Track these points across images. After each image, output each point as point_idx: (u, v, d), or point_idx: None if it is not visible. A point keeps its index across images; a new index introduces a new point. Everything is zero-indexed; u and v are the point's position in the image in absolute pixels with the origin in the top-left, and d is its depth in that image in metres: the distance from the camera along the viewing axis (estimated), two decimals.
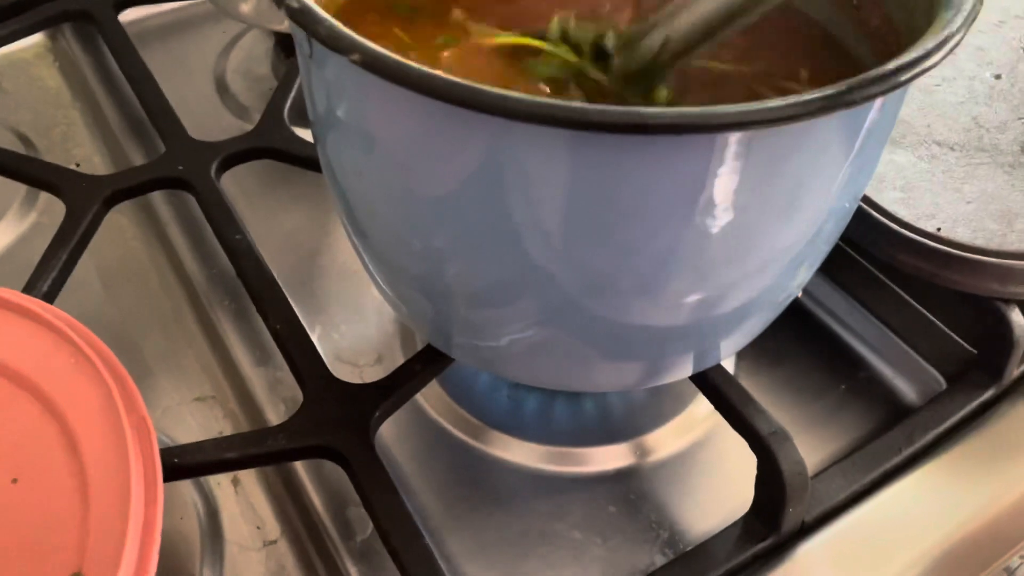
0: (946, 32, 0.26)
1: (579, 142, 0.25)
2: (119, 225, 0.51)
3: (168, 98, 0.57)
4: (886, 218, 0.42)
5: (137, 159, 0.53)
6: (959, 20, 0.26)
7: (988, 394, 0.42)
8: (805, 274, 0.33)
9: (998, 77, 0.50)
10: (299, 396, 0.38)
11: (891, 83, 0.24)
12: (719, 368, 0.38)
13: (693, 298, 0.31)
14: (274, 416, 0.41)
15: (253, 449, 0.34)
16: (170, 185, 0.45)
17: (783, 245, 0.29)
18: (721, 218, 0.27)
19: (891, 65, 0.25)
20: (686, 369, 0.37)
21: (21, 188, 0.51)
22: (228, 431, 0.42)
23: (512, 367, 0.36)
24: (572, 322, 0.32)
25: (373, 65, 0.25)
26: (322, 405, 0.35)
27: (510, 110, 0.23)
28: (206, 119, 0.57)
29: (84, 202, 0.42)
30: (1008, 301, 0.41)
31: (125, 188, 0.43)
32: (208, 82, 0.60)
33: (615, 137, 0.24)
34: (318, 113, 0.31)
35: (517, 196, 0.27)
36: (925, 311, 0.46)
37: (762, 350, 0.46)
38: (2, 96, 0.59)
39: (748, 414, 0.36)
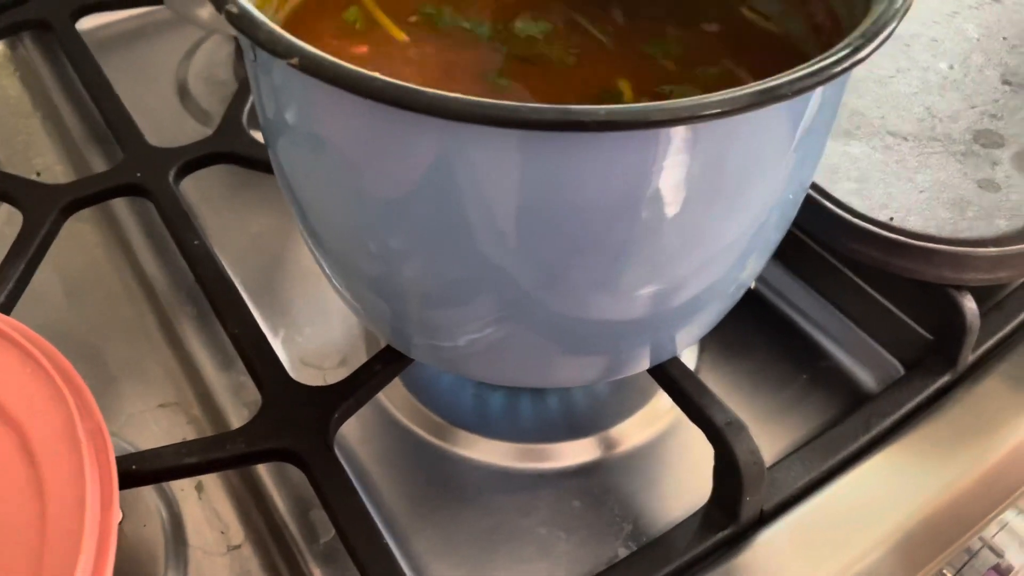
0: (875, 26, 0.26)
1: (520, 140, 0.25)
2: (81, 233, 0.51)
3: (130, 105, 0.57)
4: (840, 209, 0.42)
5: (99, 166, 0.53)
6: (890, 13, 0.27)
7: (944, 380, 0.42)
8: (755, 265, 0.34)
9: (951, 67, 0.50)
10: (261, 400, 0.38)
11: (821, 76, 0.24)
12: (676, 361, 0.38)
13: (644, 291, 0.31)
14: (237, 421, 0.41)
15: (212, 454, 0.34)
16: (128, 192, 0.45)
17: (729, 237, 0.30)
18: (664, 212, 0.28)
19: (823, 58, 0.25)
20: (643, 362, 0.37)
21: None
22: (191, 437, 0.42)
23: (471, 366, 0.36)
24: (528, 319, 0.32)
25: (312, 69, 0.25)
26: (281, 408, 0.35)
27: (447, 110, 0.24)
28: (168, 125, 0.56)
29: (41, 211, 0.42)
30: (961, 288, 0.41)
31: (83, 197, 0.43)
32: (170, 88, 0.60)
33: (553, 135, 0.24)
34: (267, 117, 0.31)
35: (464, 196, 0.27)
36: (883, 299, 0.46)
37: (724, 342, 0.47)
38: None
39: (704, 405, 0.36)
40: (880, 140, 0.46)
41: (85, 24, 0.62)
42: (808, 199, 0.43)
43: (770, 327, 0.48)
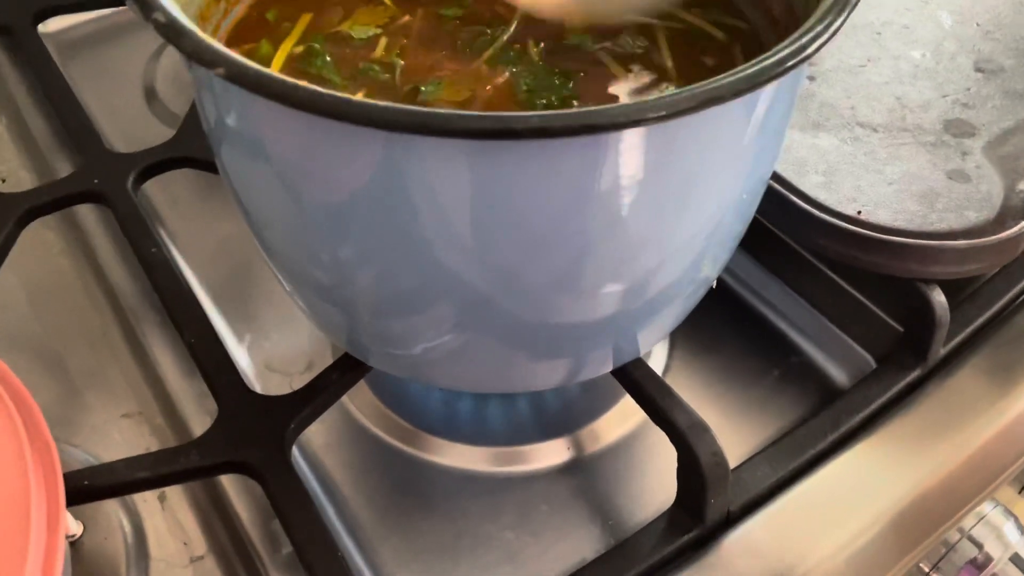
0: (821, 22, 0.25)
1: (454, 148, 0.24)
2: (45, 239, 0.50)
3: (96, 108, 0.56)
4: (807, 203, 0.42)
5: (64, 172, 0.52)
6: (837, 7, 0.26)
7: (914, 375, 0.42)
8: (713, 264, 0.33)
9: (923, 55, 0.49)
10: None
11: (763, 76, 0.24)
12: (639, 362, 0.37)
13: (599, 293, 0.31)
14: (199, 431, 0.41)
15: (165, 468, 0.33)
16: (85, 199, 0.44)
17: (681, 238, 0.29)
18: (611, 215, 0.27)
19: (764, 58, 0.24)
20: (606, 364, 0.37)
21: None
22: (154, 447, 0.41)
23: (430, 373, 0.36)
24: (483, 325, 0.32)
25: (237, 78, 0.24)
26: (237, 419, 0.35)
27: (377, 119, 0.23)
28: (134, 128, 0.56)
29: None
30: (929, 282, 0.41)
31: (39, 205, 0.42)
32: (137, 90, 0.59)
33: (487, 142, 0.24)
34: (209, 124, 0.31)
35: (403, 205, 0.27)
36: (854, 292, 0.46)
37: (695, 339, 0.46)
38: None
39: (666, 407, 0.36)
40: (849, 132, 0.45)
41: (51, 26, 0.61)
42: (774, 193, 0.42)
43: (741, 322, 0.47)
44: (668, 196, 0.27)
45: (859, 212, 0.41)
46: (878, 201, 0.42)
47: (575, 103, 0.33)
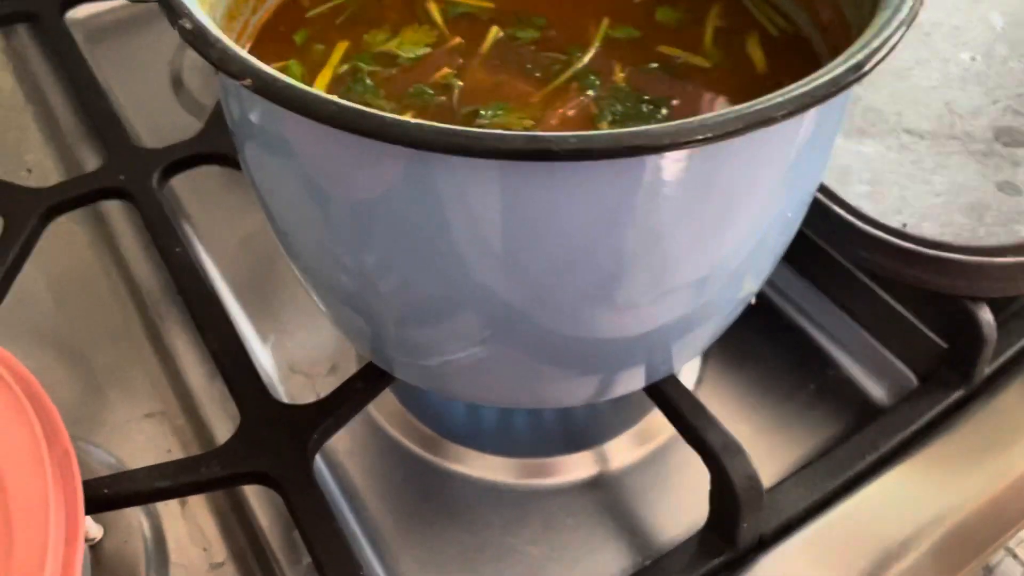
0: (878, 38, 0.24)
1: (487, 167, 0.23)
2: (70, 232, 0.49)
3: (122, 98, 0.56)
4: (849, 214, 0.40)
5: (91, 164, 0.51)
6: (894, 22, 0.25)
7: (958, 394, 0.40)
8: (752, 284, 0.32)
9: (973, 59, 0.48)
10: None
11: (814, 96, 0.22)
12: (672, 379, 0.36)
13: (630, 314, 0.30)
14: (222, 433, 0.40)
15: (185, 477, 0.33)
16: (110, 196, 0.44)
17: (719, 259, 0.28)
18: (647, 236, 0.26)
19: (816, 77, 0.23)
20: (637, 381, 0.35)
21: None
22: (176, 449, 0.41)
23: (457, 386, 0.35)
24: (509, 339, 0.31)
25: (265, 91, 0.23)
26: (259, 429, 0.34)
27: (407, 137, 0.22)
28: (160, 118, 0.55)
29: (22, 216, 0.41)
30: (976, 299, 0.39)
31: (64, 201, 0.42)
32: (164, 79, 0.59)
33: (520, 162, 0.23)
34: (233, 123, 0.30)
35: (431, 221, 0.26)
36: (897, 305, 0.44)
37: (730, 349, 0.45)
38: None
39: (699, 426, 0.35)
40: (896, 139, 0.44)
41: (79, 13, 0.61)
42: (816, 202, 0.41)
43: (777, 333, 0.46)
44: (709, 216, 0.26)
45: (904, 225, 0.40)
46: (924, 213, 0.40)
47: None
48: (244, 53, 0.24)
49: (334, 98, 0.23)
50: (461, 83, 0.33)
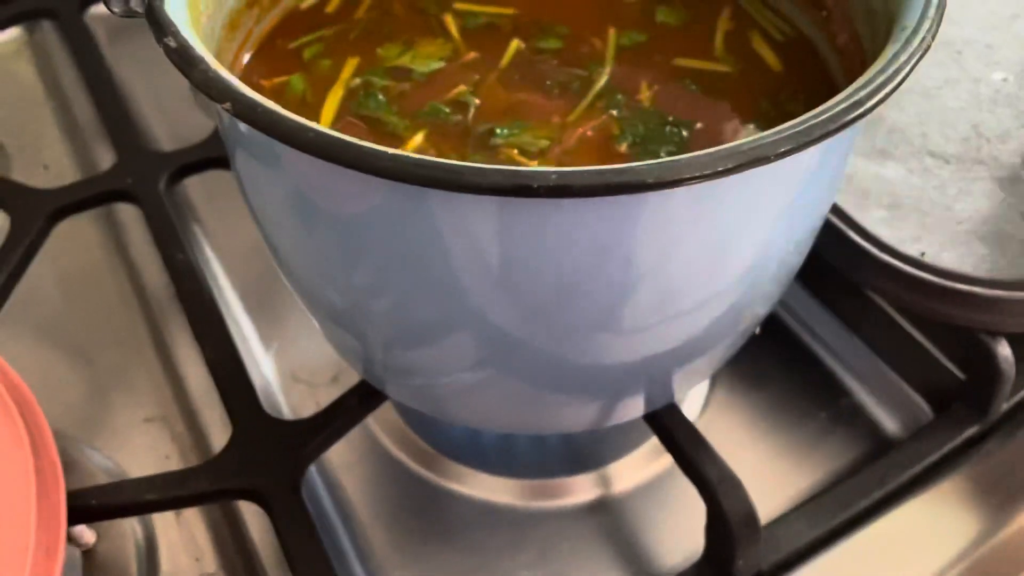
0: (885, 72, 0.23)
1: (463, 200, 0.23)
2: (80, 231, 0.49)
3: (140, 97, 0.56)
4: (865, 240, 0.39)
5: (105, 163, 0.51)
6: (904, 55, 0.23)
7: (972, 430, 0.39)
8: (752, 317, 0.31)
9: (1005, 80, 0.46)
10: None
11: (812, 135, 0.21)
12: (672, 408, 0.35)
13: (625, 344, 0.29)
14: (219, 441, 0.40)
15: (173, 491, 0.32)
16: (117, 199, 0.44)
17: (714, 295, 0.27)
18: (637, 271, 0.25)
19: (816, 114, 0.22)
20: (636, 409, 0.35)
21: None
22: (174, 456, 0.41)
23: (447, 410, 0.34)
24: (496, 365, 0.30)
25: (245, 116, 0.23)
26: (249, 444, 0.34)
27: (384, 169, 0.21)
28: (179, 120, 0.55)
29: (29, 217, 0.41)
30: (996, 333, 0.38)
31: (71, 203, 0.42)
32: (185, 80, 0.58)
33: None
34: (224, 130, 0.29)
35: (413, 248, 0.25)
36: (914, 331, 0.42)
37: (739, 372, 0.44)
38: None
39: (697, 458, 0.34)
40: (919, 161, 0.42)
41: (102, 9, 0.61)
42: (831, 226, 0.39)
43: (789, 357, 0.45)
44: (703, 251, 0.25)
45: (922, 253, 0.38)
46: (944, 242, 0.39)
47: None
48: (226, 75, 0.23)
49: (313, 125, 0.22)
50: (477, 100, 0.32)
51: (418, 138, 0.30)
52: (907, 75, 0.23)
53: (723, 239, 0.25)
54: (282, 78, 0.32)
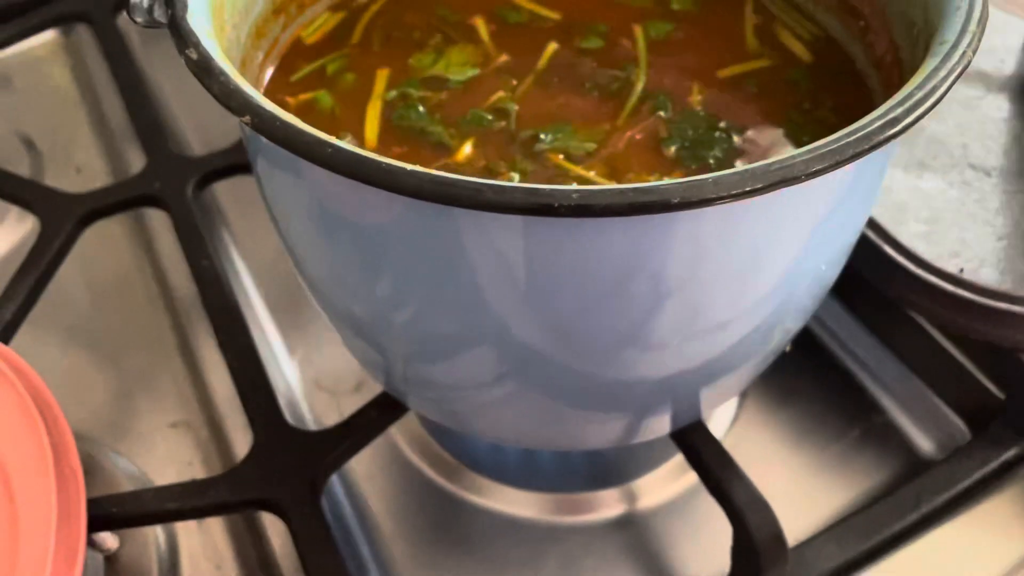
0: (922, 90, 0.22)
1: (480, 217, 0.22)
2: (111, 234, 0.50)
3: (173, 102, 0.56)
4: (902, 255, 0.38)
5: (136, 167, 0.52)
6: (942, 72, 0.23)
7: (1010, 453, 0.37)
8: (783, 336, 0.30)
9: None
10: None
11: (843, 155, 0.21)
12: (700, 426, 0.35)
13: (649, 362, 0.28)
14: (242, 449, 0.40)
15: (193, 501, 0.32)
16: (145, 204, 0.44)
17: (742, 314, 0.26)
18: (663, 290, 0.24)
19: (848, 133, 0.21)
20: (662, 427, 0.34)
21: None
22: (197, 463, 0.41)
23: (467, 423, 0.34)
24: (517, 380, 0.30)
25: (264, 130, 0.22)
26: (269, 454, 0.34)
27: (401, 185, 0.21)
28: (211, 125, 0.55)
29: (58, 221, 0.41)
30: None
31: (99, 208, 0.42)
32: None
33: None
34: (245, 136, 0.29)
35: (432, 262, 0.25)
36: (951, 347, 0.41)
37: (770, 387, 0.43)
38: (12, 95, 0.59)
39: (724, 479, 0.33)
40: (959, 174, 0.41)
41: None
42: (867, 241, 0.38)
43: (822, 373, 0.44)
44: (730, 272, 0.24)
45: (961, 270, 0.37)
46: (984, 257, 0.38)
47: (737, 163, 0.29)
48: (247, 88, 0.23)
49: (332, 140, 0.22)
50: (516, 106, 0.31)
51: (467, 146, 0.30)
52: (946, 92, 0.22)
53: (752, 257, 0.24)
54: (308, 95, 0.32)
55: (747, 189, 0.20)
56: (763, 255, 0.24)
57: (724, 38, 0.35)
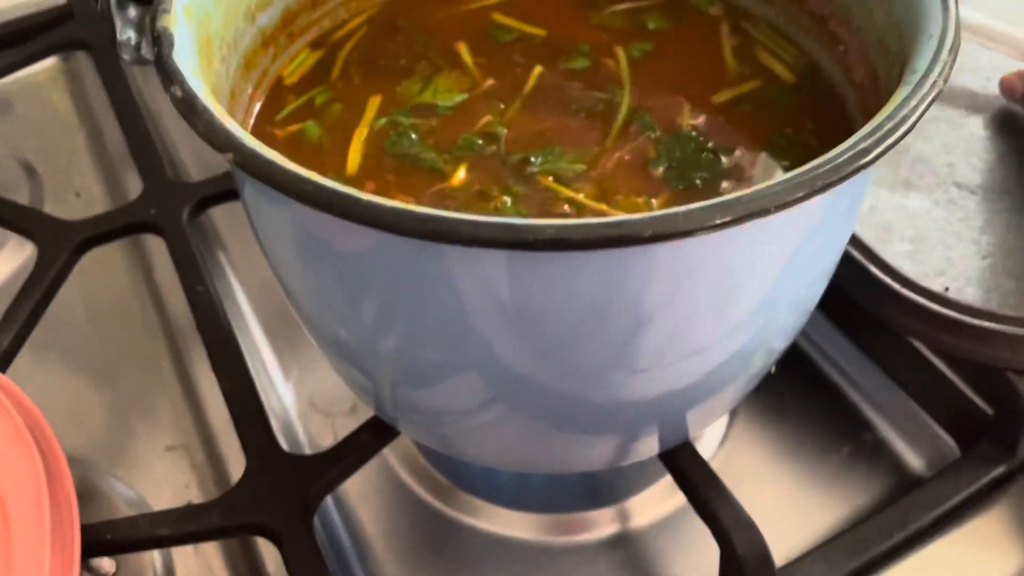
0: (892, 119, 0.22)
1: (463, 253, 0.22)
2: (108, 258, 0.50)
3: (171, 127, 0.57)
4: (887, 274, 0.38)
5: (134, 192, 0.52)
6: (913, 101, 0.23)
7: (999, 471, 0.38)
8: (765, 358, 0.30)
9: None
10: None
11: (814, 186, 0.21)
12: (687, 447, 0.35)
13: (631, 386, 0.28)
14: (238, 472, 0.40)
15: (186, 526, 0.33)
16: (141, 230, 0.44)
17: (721, 339, 0.27)
18: (641, 319, 0.25)
19: (818, 165, 0.22)
20: (649, 448, 0.34)
21: None
22: (193, 486, 0.41)
23: (457, 448, 0.34)
24: (506, 405, 0.30)
25: (247, 167, 0.23)
26: (262, 479, 0.34)
27: (381, 221, 0.21)
28: (208, 148, 0.55)
29: (55, 248, 0.42)
30: (1022, 372, 0.37)
31: (96, 235, 0.43)
32: None
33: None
34: (233, 168, 0.30)
35: (413, 293, 0.25)
36: (940, 364, 0.41)
37: (760, 404, 0.43)
38: (13, 120, 0.59)
39: (711, 499, 0.33)
40: (944, 193, 0.41)
41: None
42: (852, 261, 0.39)
43: (812, 391, 0.44)
44: (709, 298, 0.25)
45: (947, 289, 0.37)
46: (970, 276, 0.38)
47: (724, 185, 0.30)
48: (230, 125, 0.24)
49: (312, 176, 0.22)
50: (505, 130, 0.32)
51: (461, 171, 0.30)
52: (916, 121, 0.23)
53: (730, 284, 0.24)
54: (296, 126, 0.33)
55: (717, 222, 0.21)
56: (740, 283, 0.24)
57: (705, 59, 0.35)
